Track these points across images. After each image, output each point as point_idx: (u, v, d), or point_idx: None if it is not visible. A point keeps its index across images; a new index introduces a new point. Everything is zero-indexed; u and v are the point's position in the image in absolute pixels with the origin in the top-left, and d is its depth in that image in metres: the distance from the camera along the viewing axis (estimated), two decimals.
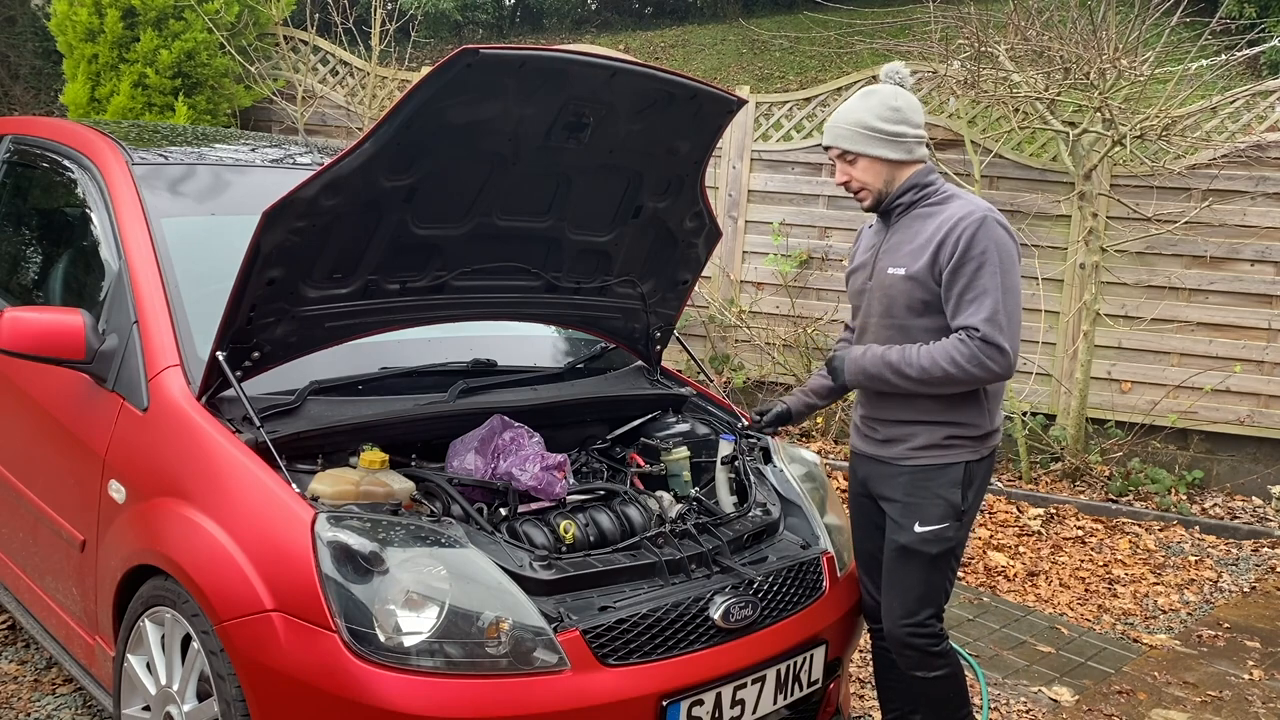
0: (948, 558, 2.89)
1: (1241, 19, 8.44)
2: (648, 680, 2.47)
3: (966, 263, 2.72)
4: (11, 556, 3.46)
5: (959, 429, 2.85)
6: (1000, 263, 2.72)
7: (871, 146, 2.85)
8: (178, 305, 2.91)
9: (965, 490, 2.86)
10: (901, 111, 2.84)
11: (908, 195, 2.87)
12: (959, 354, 2.71)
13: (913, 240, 2.83)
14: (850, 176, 2.91)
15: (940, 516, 2.84)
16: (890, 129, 2.83)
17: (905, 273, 2.81)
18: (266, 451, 2.51)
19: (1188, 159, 6.47)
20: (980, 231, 2.73)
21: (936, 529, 2.84)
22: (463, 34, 14.53)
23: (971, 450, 2.87)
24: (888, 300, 2.86)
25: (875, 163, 2.87)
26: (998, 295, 2.70)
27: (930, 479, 2.85)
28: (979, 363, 2.70)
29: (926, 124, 6.88)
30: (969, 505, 2.88)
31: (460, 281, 2.96)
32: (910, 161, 2.87)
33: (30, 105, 10.96)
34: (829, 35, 10.98)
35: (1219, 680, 4.21)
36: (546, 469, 2.78)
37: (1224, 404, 6.50)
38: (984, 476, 2.93)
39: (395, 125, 2.43)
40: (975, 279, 2.71)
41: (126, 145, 3.41)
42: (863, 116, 2.85)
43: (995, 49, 6.56)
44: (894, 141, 2.84)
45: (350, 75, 8.31)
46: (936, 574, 2.89)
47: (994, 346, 2.70)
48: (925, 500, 2.85)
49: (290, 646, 2.32)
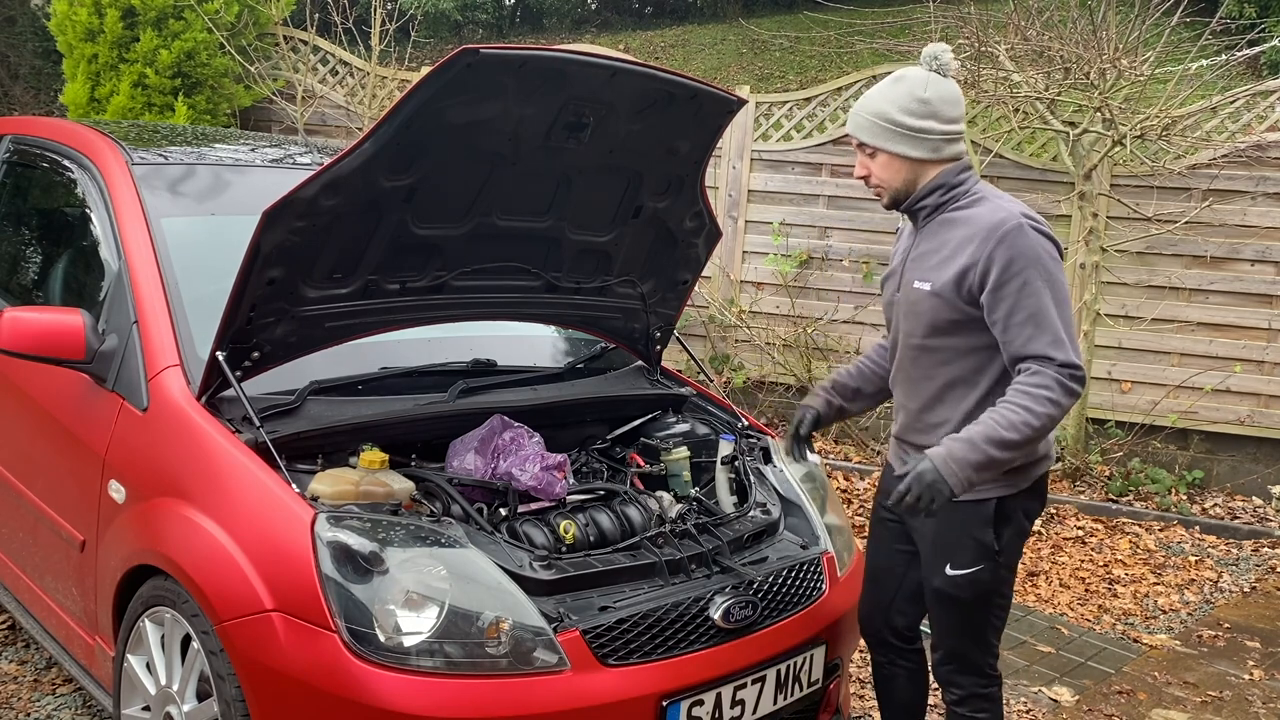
0: (987, 599, 2.64)
1: (1241, 19, 8.44)
2: (648, 680, 2.47)
3: (1009, 281, 2.41)
4: (11, 556, 3.45)
5: None
6: (1045, 273, 2.42)
7: (891, 142, 2.54)
8: (177, 305, 2.91)
9: (1000, 528, 2.57)
10: (930, 104, 2.50)
11: (933, 197, 2.57)
12: (1049, 391, 2.40)
13: (939, 250, 2.53)
14: (869, 171, 2.61)
15: (972, 559, 2.58)
16: (914, 124, 2.51)
17: (931, 288, 2.52)
18: (266, 451, 2.51)
19: (1188, 159, 6.46)
20: (1019, 241, 2.42)
21: (969, 573, 2.58)
22: (463, 34, 14.53)
23: (1005, 485, 2.56)
24: (914, 317, 2.59)
25: (895, 159, 2.56)
26: (1052, 312, 2.41)
27: (959, 516, 2.56)
28: (1066, 389, 2.41)
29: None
30: (1005, 545, 2.59)
31: (460, 281, 2.96)
32: (937, 161, 2.55)
33: (30, 105, 10.96)
34: (829, 35, 10.99)
35: (1219, 680, 4.21)
36: (546, 469, 2.78)
37: (1224, 404, 6.50)
38: (1024, 510, 2.62)
39: (395, 125, 2.43)
40: (1022, 298, 2.41)
41: (126, 145, 3.41)
42: (884, 107, 2.53)
43: (995, 49, 6.56)
44: (917, 138, 2.52)
45: (350, 75, 8.31)
46: (977, 616, 2.65)
47: (1069, 368, 2.42)
48: (954, 540, 2.59)
49: (290, 646, 2.32)
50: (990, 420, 2.42)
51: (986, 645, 2.71)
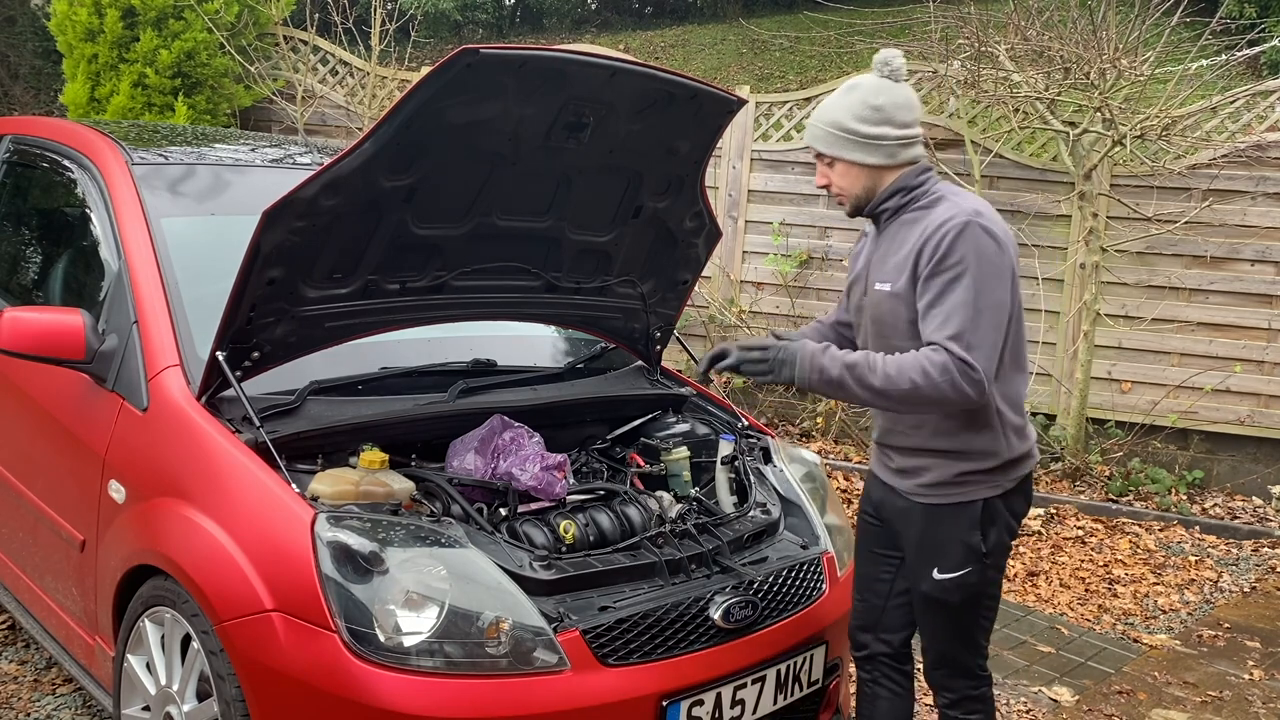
0: (975, 601, 2.63)
1: (1241, 19, 8.44)
2: (648, 680, 2.47)
3: (939, 274, 2.42)
4: (11, 556, 3.45)
5: (972, 462, 2.54)
6: (979, 273, 2.40)
7: (847, 150, 2.54)
8: (177, 305, 2.91)
9: (986, 529, 2.56)
10: (883, 111, 2.51)
11: (893, 200, 2.57)
12: (930, 365, 2.37)
13: (898, 251, 2.54)
14: (829, 180, 2.63)
15: (959, 562, 2.57)
16: (869, 131, 2.51)
17: (891, 289, 2.53)
18: (266, 451, 2.51)
19: (1188, 159, 6.47)
20: (960, 239, 2.41)
21: (956, 576, 2.57)
22: (463, 34, 14.53)
23: (990, 485, 2.56)
24: (879, 320, 2.59)
25: (853, 167, 2.56)
26: (968, 312, 2.39)
27: (944, 520, 2.57)
28: (951, 379, 2.36)
29: (926, 124, 6.90)
30: (992, 546, 2.57)
31: (460, 281, 2.96)
32: (894, 166, 2.56)
33: (30, 105, 10.96)
34: (829, 35, 10.99)
35: (1219, 680, 4.21)
36: (546, 469, 2.78)
37: (1224, 404, 6.50)
38: (1011, 510, 2.61)
39: (395, 125, 2.43)
40: (945, 293, 2.41)
41: (126, 145, 3.41)
42: (839, 116, 2.54)
43: (995, 49, 6.56)
44: (873, 145, 2.52)
45: (350, 75, 8.31)
46: (966, 619, 2.64)
47: (964, 365, 2.37)
48: (940, 543, 2.58)
49: (290, 646, 2.32)
50: (866, 359, 2.45)
51: (975, 647, 2.70)
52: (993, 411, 2.52)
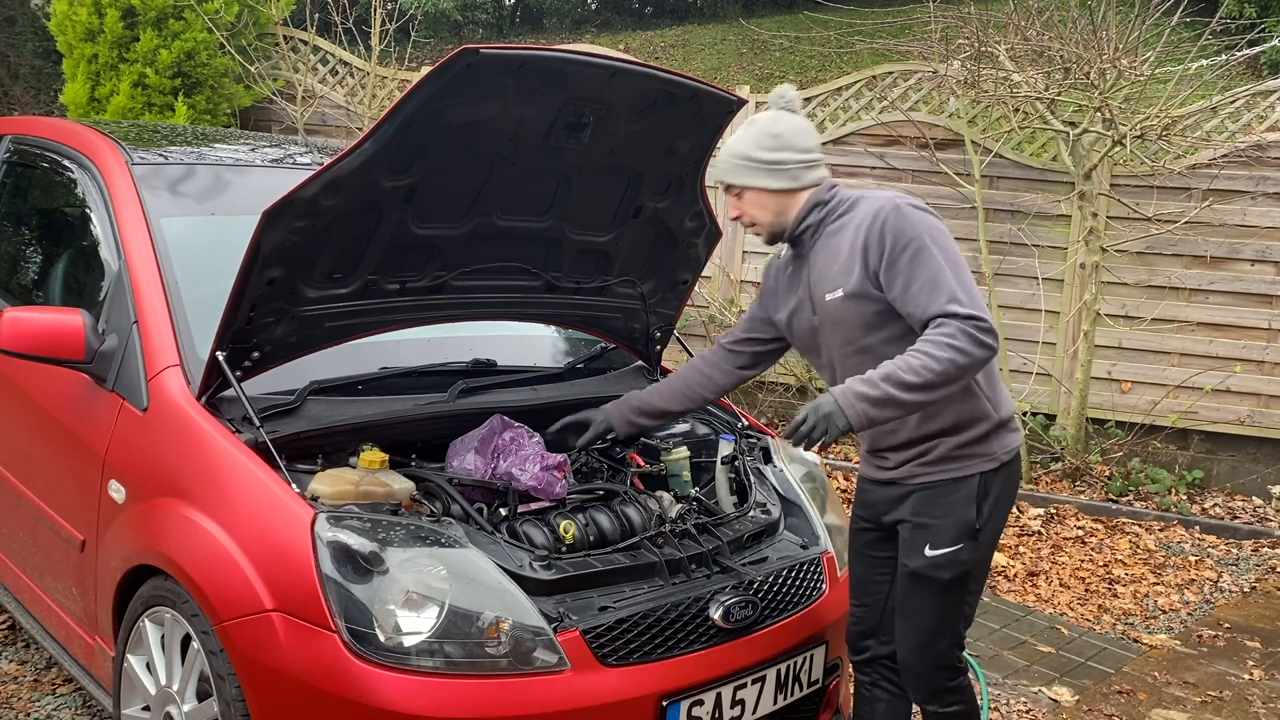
0: (963, 582, 2.65)
1: (1241, 19, 8.44)
2: (648, 680, 2.47)
3: (900, 255, 2.49)
4: (11, 556, 3.45)
5: (967, 432, 2.60)
6: (934, 241, 2.49)
7: (752, 178, 2.65)
8: (178, 305, 2.91)
9: (980, 504, 2.62)
10: (781, 138, 2.63)
11: (811, 216, 2.66)
12: (952, 339, 2.41)
13: (835, 258, 2.60)
14: (740, 210, 2.72)
15: (953, 537, 2.60)
16: (769, 157, 2.63)
17: (844, 292, 2.57)
18: (266, 451, 2.51)
19: (1188, 159, 6.47)
20: (898, 220, 2.51)
21: (948, 551, 2.61)
22: (463, 34, 14.53)
23: (986, 459, 2.62)
24: (842, 327, 2.62)
25: (760, 194, 2.67)
26: (947, 274, 2.46)
27: (942, 496, 2.62)
28: (973, 339, 2.41)
29: (926, 124, 6.90)
30: (985, 522, 2.63)
31: (460, 281, 2.96)
32: (800, 189, 2.66)
33: (30, 105, 10.96)
34: (829, 35, 10.99)
35: (1219, 680, 4.21)
36: (546, 469, 2.78)
37: (1224, 404, 6.50)
38: (1004, 488, 2.67)
39: (395, 125, 2.43)
40: (914, 269, 2.48)
41: (126, 145, 3.41)
42: (743, 147, 2.66)
43: (995, 49, 6.56)
44: (775, 170, 2.63)
45: (350, 75, 8.31)
46: (951, 600, 2.66)
47: (974, 319, 2.42)
48: (936, 520, 2.62)
49: (290, 646, 2.32)
50: (893, 363, 2.46)
51: (955, 634, 2.71)
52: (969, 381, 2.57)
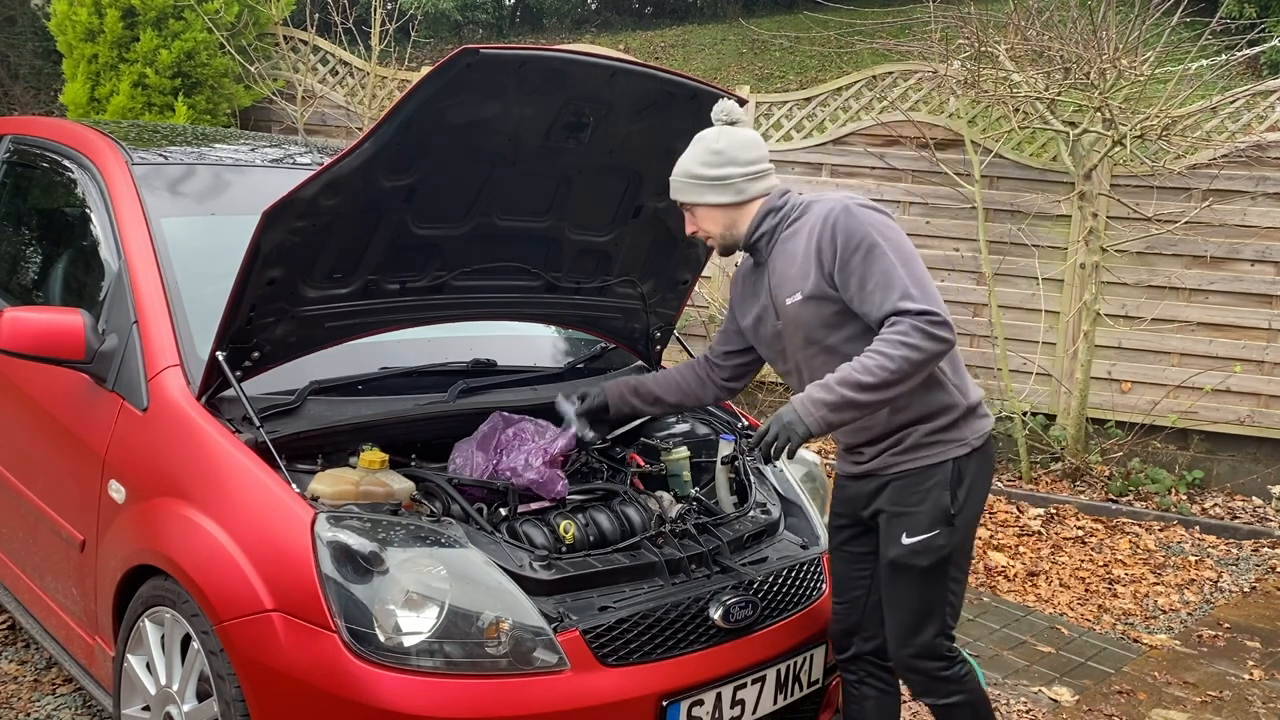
0: (943, 568, 2.65)
1: (1241, 19, 8.44)
2: (648, 680, 2.47)
3: (852, 255, 2.51)
4: (11, 556, 3.45)
5: (938, 419, 2.62)
6: (884, 239, 2.51)
7: (699, 194, 2.68)
8: (178, 305, 2.91)
9: (955, 489, 2.63)
10: (724, 153, 2.66)
11: (765, 224, 2.69)
12: (905, 336, 2.43)
13: (792, 263, 2.63)
14: (696, 226, 2.75)
15: (929, 523, 2.61)
16: (713, 174, 2.65)
17: (803, 295, 2.60)
18: (266, 451, 2.51)
19: (1188, 159, 6.47)
20: (848, 220, 2.53)
21: (925, 538, 2.61)
22: (463, 34, 14.52)
23: (959, 444, 2.64)
24: (803, 329, 2.65)
25: (710, 209, 2.69)
26: (899, 270, 2.48)
27: (916, 483, 2.63)
28: (925, 334, 2.43)
29: (926, 124, 6.90)
30: (961, 507, 2.63)
31: (460, 281, 2.96)
32: (747, 201, 2.69)
33: (30, 105, 10.95)
34: (829, 35, 10.98)
35: (1219, 680, 4.21)
36: (550, 463, 2.78)
37: (1224, 404, 6.50)
38: (979, 474, 2.68)
39: (395, 125, 2.43)
40: (867, 267, 2.50)
41: (126, 145, 3.41)
42: (689, 165, 2.68)
43: (995, 49, 6.56)
44: (720, 185, 2.66)
45: (350, 75, 8.31)
46: (934, 588, 2.66)
47: (926, 314, 2.45)
48: (912, 508, 2.63)
49: (290, 646, 2.32)
50: (848, 366, 2.49)
51: (941, 623, 2.69)
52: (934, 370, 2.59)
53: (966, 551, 2.75)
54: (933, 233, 6.98)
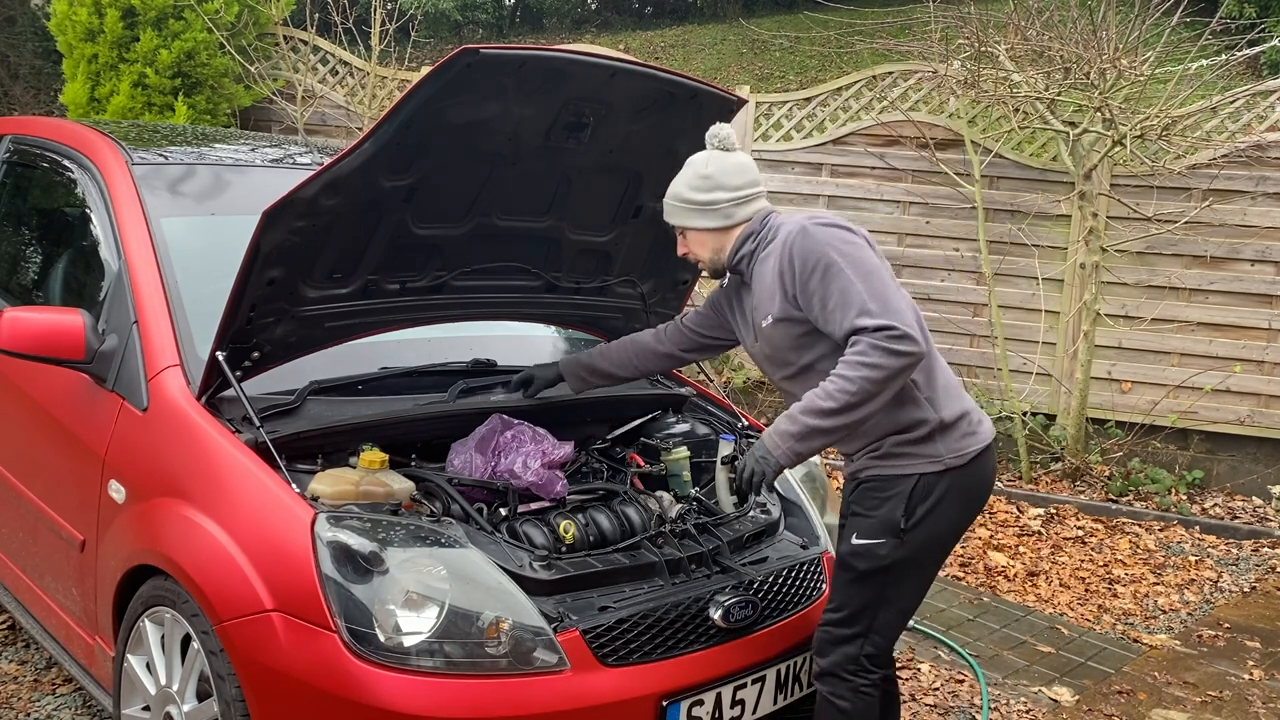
0: (877, 577, 2.60)
1: (1241, 19, 8.44)
2: (648, 680, 2.47)
3: (810, 277, 2.52)
4: (11, 556, 3.45)
5: (907, 433, 2.58)
6: (841, 256, 2.50)
7: (688, 219, 2.70)
8: (178, 305, 2.91)
9: (915, 505, 2.57)
10: (712, 178, 2.66)
11: (745, 247, 2.69)
12: (863, 356, 2.42)
13: (764, 285, 2.65)
14: (687, 248, 2.78)
15: (876, 531, 2.58)
16: (702, 199, 2.66)
17: (774, 317, 2.62)
18: (266, 451, 2.51)
19: (1188, 159, 6.47)
20: (804, 242, 2.54)
21: (868, 543, 2.59)
22: (463, 34, 14.52)
23: (926, 461, 2.58)
24: (779, 350, 2.67)
25: (699, 233, 2.72)
26: (856, 286, 2.46)
27: (878, 490, 2.61)
28: (885, 350, 2.41)
29: (926, 124, 6.90)
30: (916, 523, 2.57)
31: (460, 281, 2.96)
32: (734, 225, 2.70)
33: (30, 105, 10.95)
34: (829, 35, 10.99)
35: (1219, 680, 4.21)
36: (548, 466, 2.78)
37: (1224, 404, 6.50)
38: (952, 494, 2.60)
39: (395, 125, 2.43)
40: (826, 286, 2.49)
41: (126, 145, 3.41)
42: (679, 189, 2.70)
43: (995, 49, 6.56)
44: (708, 210, 2.67)
45: (350, 75, 8.31)
46: (866, 594, 2.61)
47: (884, 329, 2.42)
48: (868, 511, 2.62)
49: (290, 646, 2.32)
50: (812, 393, 2.50)
51: (869, 636, 2.63)
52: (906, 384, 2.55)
53: (916, 571, 2.65)
54: (933, 233, 6.98)
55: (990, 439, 2.68)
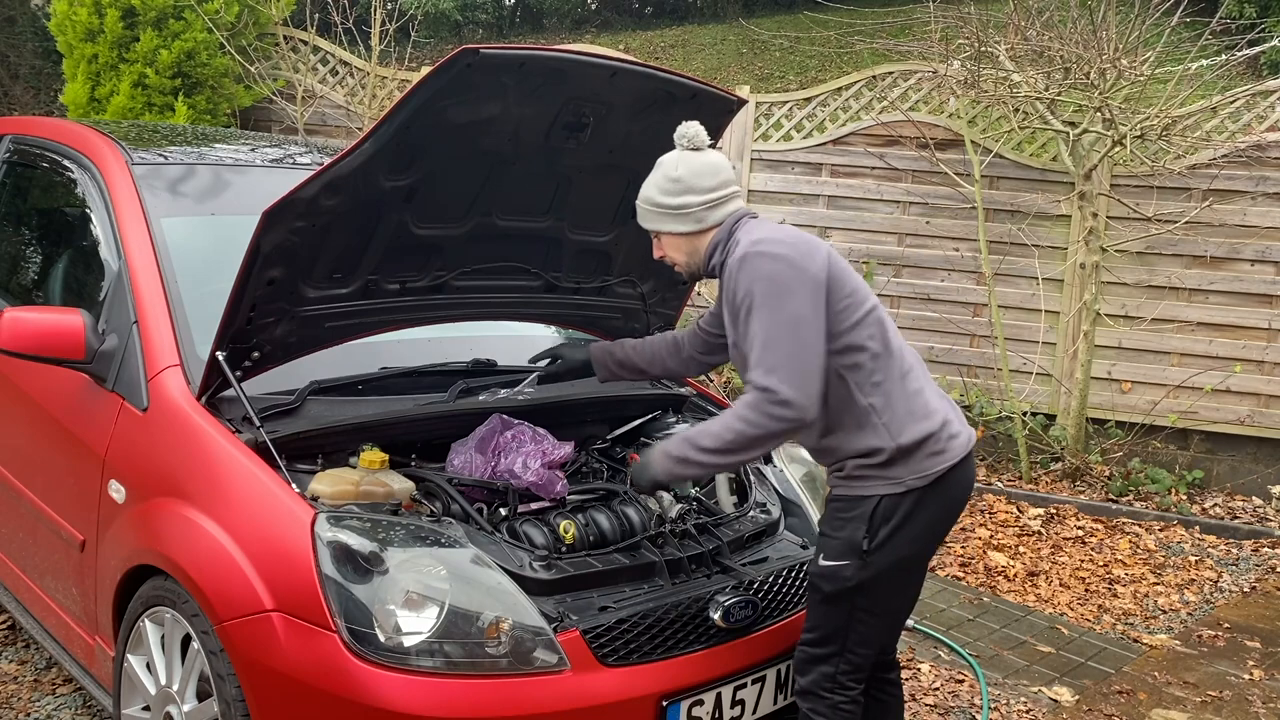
0: (845, 599, 2.55)
1: (1241, 19, 8.44)
2: (648, 680, 2.47)
3: (737, 309, 2.48)
4: (11, 556, 3.45)
5: (861, 458, 2.53)
6: (765, 298, 2.44)
7: (660, 222, 2.65)
8: (178, 305, 2.91)
9: (876, 527, 2.51)
10: (682, 181, 2.59)
11: (716, 254, 2.63)
12: (746, 410, 2.43)
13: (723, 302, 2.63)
14: (663, 252, 2.72)
15: (840, 552, 2.54)
16: (673, 202, 2.60)
17: (732, 339, 2.58)
18: (266, 451, 2.52)
19: (1188, 159, 6.47)
20: (741, 273, 2.48)
21: (832, 565, 2.55)
22: (463, 34, 14.52)
23: (887, 483, 2.51)
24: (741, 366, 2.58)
25: (672, 237, 2.66)
26: (763, 336, 2.43)
27: (841, 511, 2.57)
28: (762, 412, 2.41)
29: (926, 124, 6.90)
30: (879, 544, 2.51)
31: (460, 281, 2.96)
32: (707, 229, 2.63)
33: (30, 105, 10.95)
34: (829, 35, 10.98)
35: (1219, 680, 4.21)
36: (548, 466, 2.78)
37: (1224, 404, 6.50)
38: (917, 514, 2.53)
39: (395, 125, 2.43)
40: (746, 327, 2.46)
41: (126, 145, 3.41)
42: (650, 192, 2.64)
43: (995, 49, 6.56)
44: (678, 214, 2.61)
45: (350, 75, 8.31)
46: (834, 615, 2.58)
47: (767, 393, 2.40)
48: (832, 532, 2.57)
49: (290, 646, 2.32)
50: (703, 425, 2.57)
51: (843, 650, 2.59)
52: (862, 410, 2.51)
53: (883, 591, 2.59)
54: (933, 233, 6.98)
55: (963, 453, 2.59)
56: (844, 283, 2.53)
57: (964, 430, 2.63)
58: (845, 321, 2.52)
